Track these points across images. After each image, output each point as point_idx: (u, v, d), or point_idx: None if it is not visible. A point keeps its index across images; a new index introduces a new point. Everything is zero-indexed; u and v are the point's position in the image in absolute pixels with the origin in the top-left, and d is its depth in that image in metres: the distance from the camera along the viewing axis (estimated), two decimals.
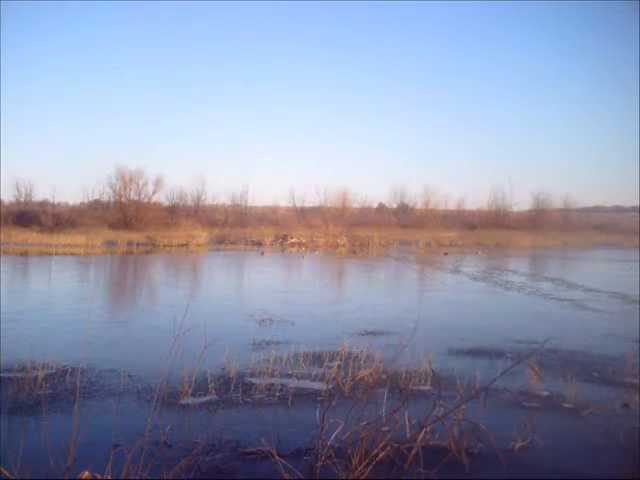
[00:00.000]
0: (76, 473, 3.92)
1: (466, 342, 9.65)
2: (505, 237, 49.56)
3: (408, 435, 4.71)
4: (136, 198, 50.55)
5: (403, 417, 4.85)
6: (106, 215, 48.16)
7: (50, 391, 6.59)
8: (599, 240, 50.46)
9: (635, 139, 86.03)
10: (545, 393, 6.85)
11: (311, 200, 64.51)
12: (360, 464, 4.34)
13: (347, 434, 4.69)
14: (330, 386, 6.89)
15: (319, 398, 6.51)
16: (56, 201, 53.25)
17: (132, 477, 4.03)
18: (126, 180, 50.49)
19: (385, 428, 4.78)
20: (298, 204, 64.20)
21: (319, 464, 4.47)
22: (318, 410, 5.63)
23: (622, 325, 11.81)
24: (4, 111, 77.04)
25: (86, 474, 3.88)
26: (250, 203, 62.77)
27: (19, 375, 6.95)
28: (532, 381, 7.03)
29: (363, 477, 4.29)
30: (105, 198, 53.69)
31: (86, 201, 55.12)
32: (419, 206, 62.54)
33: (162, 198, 55.77)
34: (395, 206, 65.71)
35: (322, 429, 4.66)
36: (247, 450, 4.99)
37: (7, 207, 49.30)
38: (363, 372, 5.90)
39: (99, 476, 3.89)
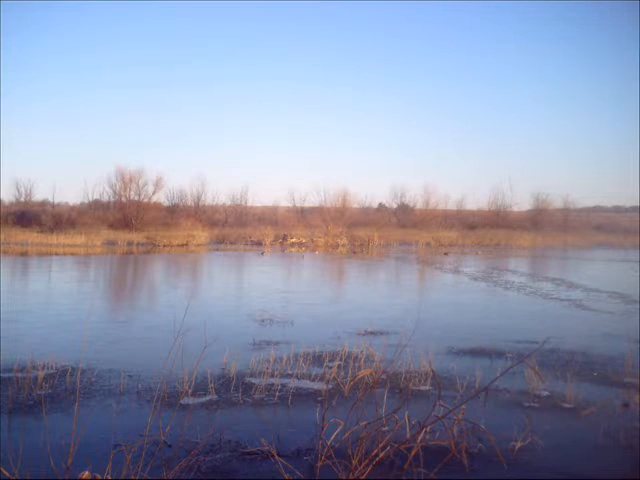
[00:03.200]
0: (76, 473, 3.92)
1: (466, 342, 9.65)
2: (505, 237, 49.63)
3: (408, 435, 4.70)
4: (136, 198, 50.62)
5: (403, 417, 4.85)
6: (106, 215, 48.20)
7: (50, 391, 6.59)
8: (599, 240, 50.46)
9: (635, 139, 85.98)
10: (545, 393, 6.84)
11: (311, 200, 64.53)
12: (360, 464, 4.34)
13: (347, 434, 4.69)
14: (330, 386, 6.89)
15: (319, 398, 6.51)
16: (56, 201, 53.41)
17: (132, 477, 4.03)
18: (126, 180, 50.60)
19: (385, 428, 4.79)
20: (298, 204, 64.27)
21: (319, 464, 4.46)
22: (318, 410, 5.63)
23: (622, 325, 11.81)
24: (4, 111, 77.08)
25: (86, 474, 3.89)
26: (250, 203, 62.84)
27: (19, 375, 6.95)
28: (532, 381, 7.03)
29: (363, 477, 4.29)
30: (105, 198, 53.86)
31: (86, 201, 55.24)
32: (419, 206, 62.63)
33: (162, 198, 56.02)
34: (395, 206, 65.70)
35: (322, 429, 4.66)
36: (247, 450, 4.98)
37: (7, 207, 49.34)
38: (363, 372, 5.89)
39: (99, 476, 3.89)
